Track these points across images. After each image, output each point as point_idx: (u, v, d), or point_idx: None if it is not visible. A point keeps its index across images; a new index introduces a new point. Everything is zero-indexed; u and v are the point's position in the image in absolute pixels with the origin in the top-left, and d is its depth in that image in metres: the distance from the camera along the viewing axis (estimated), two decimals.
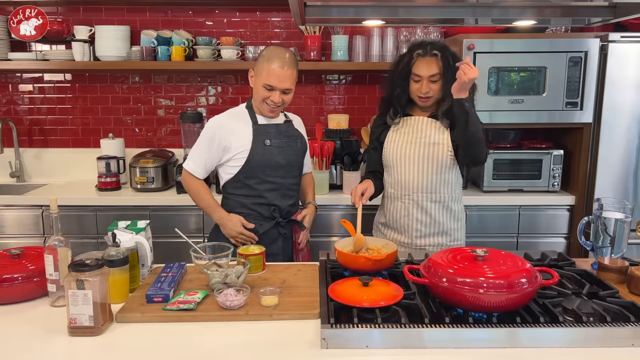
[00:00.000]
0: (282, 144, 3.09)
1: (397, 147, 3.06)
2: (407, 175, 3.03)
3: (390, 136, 3.11)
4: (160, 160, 4.41)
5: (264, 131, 3.07)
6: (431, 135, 3.01)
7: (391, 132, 3.12)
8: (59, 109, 4.94)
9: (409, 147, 3.03)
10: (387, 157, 3.12)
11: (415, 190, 3.03)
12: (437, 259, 2.10)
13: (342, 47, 4.60)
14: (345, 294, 2.07)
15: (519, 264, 2.01)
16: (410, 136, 3.05)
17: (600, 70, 3.99)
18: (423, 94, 2.96)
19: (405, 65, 3.02)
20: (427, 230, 3.06)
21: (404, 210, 3.07)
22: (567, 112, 4.05)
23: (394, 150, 3.07)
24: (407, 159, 3.03)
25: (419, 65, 2.96)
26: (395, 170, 3.08)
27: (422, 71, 2.95)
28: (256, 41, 4.83)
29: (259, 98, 3.01)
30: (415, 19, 2.92)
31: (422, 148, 3.01)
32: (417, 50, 2.99)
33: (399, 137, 3.08)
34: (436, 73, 2.93)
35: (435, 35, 4.49)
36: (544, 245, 4.17)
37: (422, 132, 3.03)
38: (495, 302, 1.90)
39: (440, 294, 2.01)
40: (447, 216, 3.08)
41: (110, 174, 4.42)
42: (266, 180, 3.06)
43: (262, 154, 3.02)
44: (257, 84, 2.98)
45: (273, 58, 2.93)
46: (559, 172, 4.21)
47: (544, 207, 4.19)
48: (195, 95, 4.93)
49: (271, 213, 3.09)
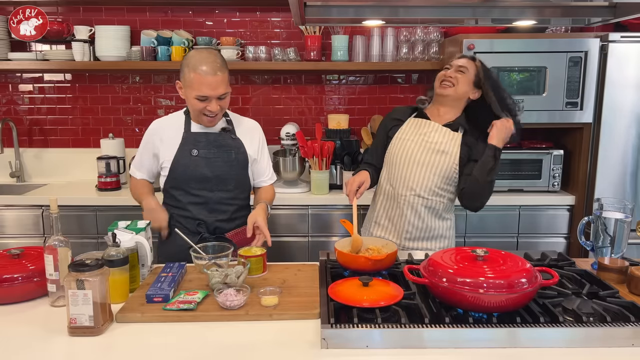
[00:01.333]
0: (210, 154, 2.90)
1: (405, 145, 3.01)
2: (408, 175, 2.98)
3: (401, 134, 3.06)
4: None
5: (193, 140, 2.91)
6: (442, 143, 2.96)
7: (402, 131, 3.07)
8: (59, 109, 4.94)
9: (417, 148, 2.98)
10: (391, 153, 3.05)
11: (413, 192, 2.97)
12: (437, 259, 2.09)
13: (342, 47, 4.60)
14: (345, 294, 2.07)
15: (519, 264, 2.01)
16: (421, 138, 3.00)
17: (600, 70, 3.99)
18: (446, 76, 2.94)
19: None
20: (418, 234, 3.02)
21: (398, 209, 3.02)
22: (567, 112, 4.05)
23: (400, 148, 3.02)
24: (412, 160, 2.98)
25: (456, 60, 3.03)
26: (397, 168, 3.02)
27: (455, 61, 3.00)
28: (256, 41, 4.83)
29: (195, 111, 2.84)
30: (415, 19, 2.91)
31: (429, 153, 2.96)
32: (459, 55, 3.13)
33: (409, 136, 3.03)
34: (467, 67, 2.93)
35: (435, 35, 4.49)
36: (544, 245, 4.18)
37: (434, 137, 2.97)
38: (495, 302, 1.90)
39: (440, 294, 2.01)
40: (439, 224, 3.05)
41: (110, 174, 4.43)
42: (191, 193, 2.93)
43: (186, 165, 2.88)
44: (189, 97, 2.78)
45: (200, 65, 2.73)
46: (559, 172, 4.21)
47: (544, 207, 4.19)
48: None
49: (196, 228, 2.95)
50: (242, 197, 3.06)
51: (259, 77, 4.92)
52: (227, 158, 2.94)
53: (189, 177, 2.90)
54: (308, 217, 4.19)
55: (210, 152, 2.91)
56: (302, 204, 4.19)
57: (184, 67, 2.78)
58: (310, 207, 4.20)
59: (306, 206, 4.20)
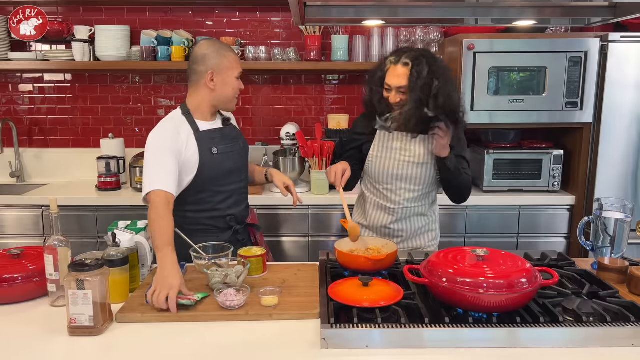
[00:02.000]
0: (227, 148, 2.88)
1: (383, 163, 2.96)
2: (394, 192, 2.96)
3: (377, 151, 2.99)
4: None
5: (208, 138, 2.82)
6: (418, 155, 2.91)
7: (376, 147, 2.99)
8: (59, 109, 4.94)
9: (396, 165, 2.93)
10: (373, 172, 3.01)
11: (400, 204, 2.96)
12: (437, 259, 2.09)
13: (342, 47, 4.60)
14: (345, 294, 2.07)
15: (519, 264, 2.01)
16: (398, 154, 2.94)
17: (600, 70, 3.99)
18: (393, 104, 2.83)
19: (380, 71, 2.91)
20: (407, 235, 3.04)
21: (388, 219, 3.01)
22: (567, 112, 4.05)
23: (381, 167, 2.96)
24: (396, 177, 2.94)
25: (390, 74, 2.82)
26: (382, 185, 2.99)
27: (391, 81, 2.80)
28: (256, 41, 4.83)
29: (233, 93, 2.85)
30: (415, 19, 2.91)
31: (409, 168, 2.92)
32: (390, 57, 2.87)
33: (387, 153, 2.96)
34: (404, 85, 2.76)
35: (435, 35, 4.49)
36: (544, 245, 4.18)
37: (410, 151, 2.93)
38: (495, 302, 1.90)
39: (440, 294, 2.01)
40: (425, 221, 3.06)
41: (110, 174, 4.43)
42: (218, 191, 2.87)
43: (211, 165, 2.80)
44: (230, 79, 2.81)
45: (226, 47, 2.84)
46: (559, 172, 4.21)
47: (544, 207, 4.19)
48: None
49: (227, 223, 2.92)
50: (247, 181, 3.11)
51: (259, 77, 4.92)
52: (238, 148, 2.96)
53: (216, 175, 2.84)
54: (308, 217, 4.19)
55: (227, 146, 2.89)
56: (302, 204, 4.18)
57: (212, 55, 2.78)
58: (310, 207, 4.20)
59: (306, 206, 4.19)
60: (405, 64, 2.77)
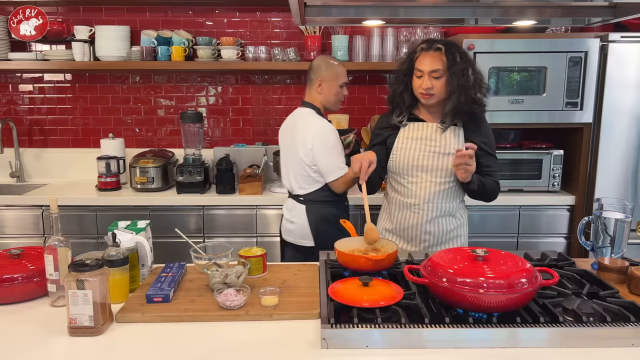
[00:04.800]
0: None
1: (410, 155, 2.92)
2: (419, 185, 2.92)
3: (401, 143, 2.97)
4: (161, 161, 4.41)
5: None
6: (446, 145, 2.90)
7: (401, 139, 2.97)
8: (59, 109, 4.95)
9: (423, 156, 2.91)
10: (397, 165, 2.96)
11: (427, 200, 2.92)
12: (437, 259, 2.09)
13: (342, 47, 4.60)
14: (345, 294, 2.06)
15: (519, 264, 2.01)
16: (424, 144, 2.92)
17: (600, 70, 3.99)
18: (424, 89, 2.83)
19: (409, 61, 2.93)
20: (435, 240, 2.98)
21: (414, 219, 2.96)
22: (567, 112, 4.05)
23: (404, 159, 2.94)
24: (421, 169, 2.92)
25: (422, 59, 2.84)
26: (406, 179, 2.96)
27: (424, 65, 2.82)
28: (256, 41, 4.83)
29: (336, 98, 3.50)
30: (415, 19, 2.91)
31: (436, 158, 2.90)
32: (421, 45, 2.90)
33: (412, 144, 2.94)
34: (439, 69, 2.80)
35: (435, 35, 4.49)
36: (544, 245, 4.18)
37: (437, 141, 2.91)
38: (495, 302, 1.90)
39: (440, 294, 2.01)
40: (454, 225, 3.01)
41: (110, 174, 4.43)
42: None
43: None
44: (334, 87, 3.46)
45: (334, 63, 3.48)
46: (559, 172, 4.21)
47: (544, 207, 4.20)
48: (196, 95, 4.94)
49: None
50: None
51: (259, 77, 4.92)
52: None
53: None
54: None
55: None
56: None
57: (322, 67, 3.45)
58: None
59: None
60: (437, 48, 2.84)
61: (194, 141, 4.42)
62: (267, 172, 4.65)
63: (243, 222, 4.23)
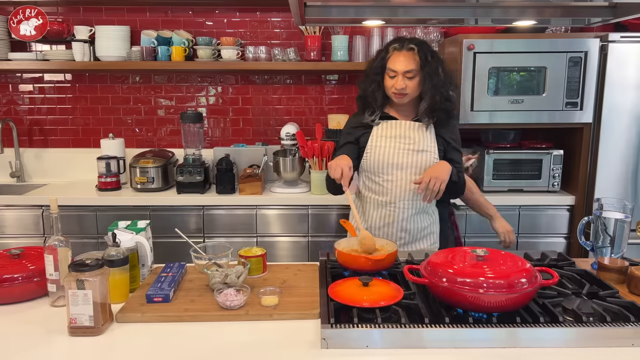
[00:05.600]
0: None
1: (383, 153, 2.93)
2: (393, 183, 2.92)
3: (375, 141, 2.97)
4: (161, 161, 4.41)
5: None
6: (419, 142, 2.92)
7: (375, 137, 2.98)
8: (59, 109, 4.94)
9: (396, 153, 2.92)
10: (372, 163, 2.96)
11: (403, 198, 2.92)
12: (437, 259, 2.09)
13: (342, 47, 4.60)
14: (345, 294, 2.06)
15: (519, 264, 2.01)
16: (398, 142, 2.93)
17: (600, 70, 3.99)
18: (398, 89, 2.84)
19: (380, 60, 2.93)
20: (411, 237, 2.98)
21: (390, 218, 2.96)
22: (567, 112, 4.05)
23: (379, 157, 2.93)
24: (394, 166, 2.92)
25: (395, 59, 2.86)
26: (382, 177, 2.95)
27: (397, 66, 2.83)
28: (256, 41, 4.83)
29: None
30: (415, 19, 2.91)
31: (409, 156, 2.91)
32: (394, 45, 2.90)
33: (386, 142, 2.95)
34: (413, 69, 2.83)
35: (435, 35, 4.49)
36: (544, 245, 4.18)
37: (410, 138, 2.93)
38: (495, 302, 1.90)
39: (440, 294, 2.01)
40: (429, 221, 3.02)
41: (110, 174, 4.43)
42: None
43: None
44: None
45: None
46: (559, 172, 4.21)
47: (544, 207, 4.20)
48: (196, 95, 4.94)
49: None
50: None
51: (259, 77, 4.92)
52: None
53: None
54: (308, 217, 4.19)
55: None
56: (302, 204, 4.19)
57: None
58: (310, 207, 4.20)
59: (306, 206, 4.20)
60: (410, 48, 2.85)
61: (194, 141, 4.42)
62: (267, 172, 4.65)
63: (243, 222, 4.23)
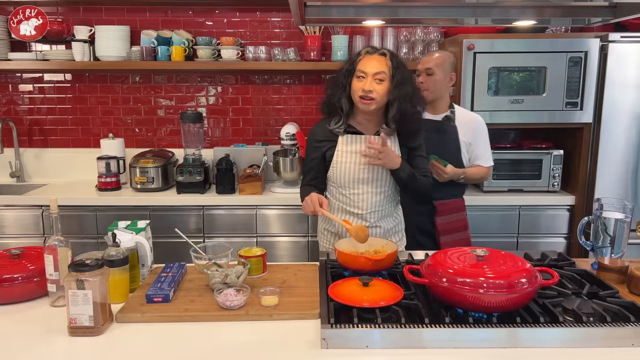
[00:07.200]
0: None
1: (350, 168, 2.90)
2: (361, 196, 2.93)
3: (340, 157, 2.92)
4: (160, 161, 4.41)
5: None
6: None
7: (340, 152, 2.93)
8: (59, 109, 4.94)
9: (361, 169, 2.89)
10: (338, 178, 2.95)
11: (368, 209, 2.94)
12: (437, 259, 2.09)
13: (342, 47, 4.60)
14: (345, 293, 2.07)
15: (519, 264, 2.01)
16: (361, 157, 2.87)
17: (600, 70, 3.99)
18: (365, 91, 2.74)
19: (350, 64, 2.86)
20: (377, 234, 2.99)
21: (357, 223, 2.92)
22: (567, 112, 4.06)
23: (344, 172, 2.91)
24: (361, 181, 2.91)
25: (365, 62, 2.78)
26: (348, 190, 2.95)
27: (368, 67, 2.75)
28: (256, 41, 4.83)
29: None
30: (415, 19, 2.91)
31: (374, 170, 2.89)
32: (366, 49, 2.84)
33: (350, 158, 2.91)
34: (384, 71, 2.74)
35: (435, 35, 4.49)
36: (544, 245, 4.18)
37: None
38: (495, 302, 1.90)
39: (440, 294, 2.01)
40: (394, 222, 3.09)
41: (110, 174, 4.42)
42: None
43: None
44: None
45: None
46: (559, 172, 4.21)
47: (544, 207, 4.20)
48: (195, 95, 4.94)
49: None
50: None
51: (259, 77, 4.92)
52: None
53: None
54: (308, 217, 4.19)
55: None
56: None
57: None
58: None
59: None
60: (382, 53, 2.81)
61: (194, 141, 4.42)
62: (267, 172, 4.65)
63: (243, 222, 4.23)
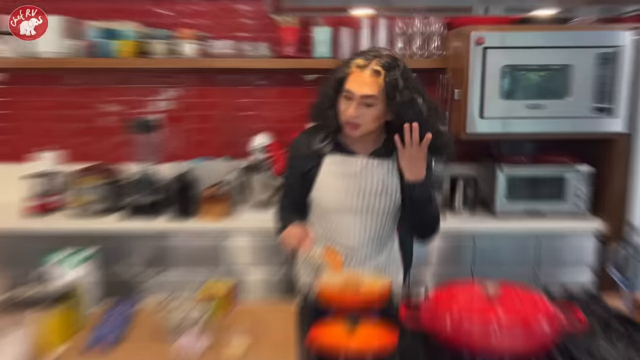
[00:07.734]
0: None
1: (335, 195, 2.88)
2: (349, 228, 2.89)
3: (325, 179, 2.90)
4: (106, 178, 4.39)
5: None
6: (377, 181, 2.85)
7: (325, 173, 2.90)
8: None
9: (349, 196, 2.85)
10: (321, 203, 2.94)
11: (361, 246, 2.91)
12: (439, 297, 2.10)
13: (324, 41, 4.60)
14: (329, 338, 2.06)
15: (538, 304, 2.02)
16: (351, 182, 2.85)
17: (635, 69, 4.02)
18: (351, 117, 2.67)
19: (341, 72, 2.74)
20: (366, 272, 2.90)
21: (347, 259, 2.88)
22: (595, 120, 4.07)
23: (330, 199, 2.90)
24: (348, 210, 2.88)
25: (354, 78, 2.66)
26: (332, 221, 2.92)
27: (355, 87, 2.64)
28: (221, 34, 4.82)
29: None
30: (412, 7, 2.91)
31: (365, 198, 2.85)
32: (357, 60, 2.69)
33: (336, 182, 2.88)
34: (372, 95, 2.63)
35: (436, 27, 4.50)
36: (568, 278, 4.17)
37: (367, 178, 2.85)
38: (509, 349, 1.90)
39: (443, 339, 2.01)
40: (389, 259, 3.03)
41: (44, 194, 4.39)
42: None
43: None
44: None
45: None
46: (585, 193, 4.22)
47: (567, 234, 4.21)
48: (149, 100, 4.92)
49: None
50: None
51: (225, 77, 4.92)
52: None
53: None
54: None
55: None
56: None
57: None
58: None
59: None
60: (375, 72, 2.64)
61: (147, 155, 4.40)
62: (235, 192, 4.63)
63: (206, 251, 4.20)
